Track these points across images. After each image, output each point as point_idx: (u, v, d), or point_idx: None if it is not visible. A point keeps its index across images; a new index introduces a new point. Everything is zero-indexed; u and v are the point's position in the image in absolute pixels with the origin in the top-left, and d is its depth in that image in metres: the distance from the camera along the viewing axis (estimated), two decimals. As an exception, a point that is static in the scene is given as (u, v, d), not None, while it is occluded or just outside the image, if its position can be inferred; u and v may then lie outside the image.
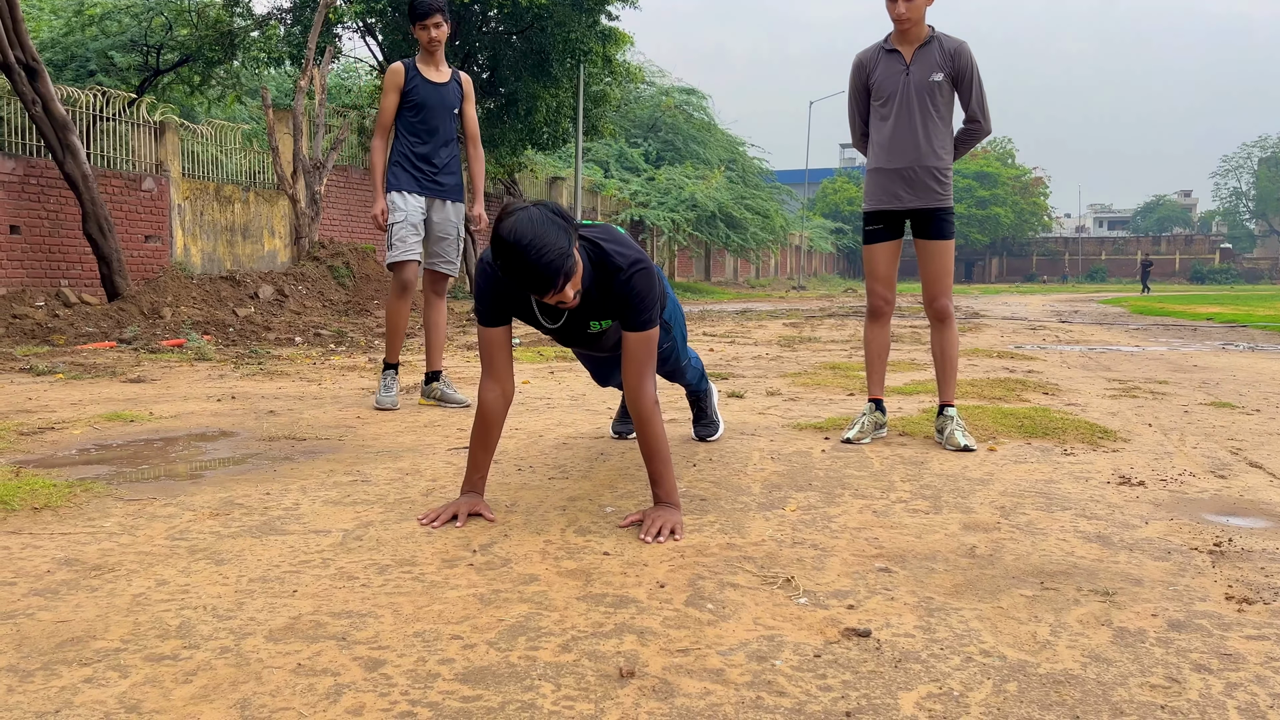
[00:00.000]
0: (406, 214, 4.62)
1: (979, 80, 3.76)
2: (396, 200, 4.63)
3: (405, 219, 4.62)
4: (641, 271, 2.52)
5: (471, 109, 4.86)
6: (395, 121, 4.69)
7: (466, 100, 4.82)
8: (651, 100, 33.32)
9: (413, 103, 4.63)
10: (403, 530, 2.47)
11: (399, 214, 4.62)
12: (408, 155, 4.65)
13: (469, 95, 4.83)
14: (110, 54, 16.13)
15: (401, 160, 4.66)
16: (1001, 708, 1.50)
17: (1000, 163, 65.44)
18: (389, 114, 4.67)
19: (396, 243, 4.63)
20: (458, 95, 4.75)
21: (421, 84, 4.63)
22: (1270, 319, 14.69)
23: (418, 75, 4.64)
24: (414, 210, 4.64)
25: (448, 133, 4.72)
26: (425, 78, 4.65)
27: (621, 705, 1.50)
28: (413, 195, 4.64)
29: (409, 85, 4.62)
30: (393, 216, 4.63)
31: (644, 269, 2.53)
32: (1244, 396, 5.36)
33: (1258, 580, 2.14)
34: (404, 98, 4.63)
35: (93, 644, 1.72)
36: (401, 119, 4.67)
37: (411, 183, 4.65)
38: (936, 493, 2.96)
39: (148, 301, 9.65)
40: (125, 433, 3.91)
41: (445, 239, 4.78)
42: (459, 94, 4.76)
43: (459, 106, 4.77)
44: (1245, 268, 67.37)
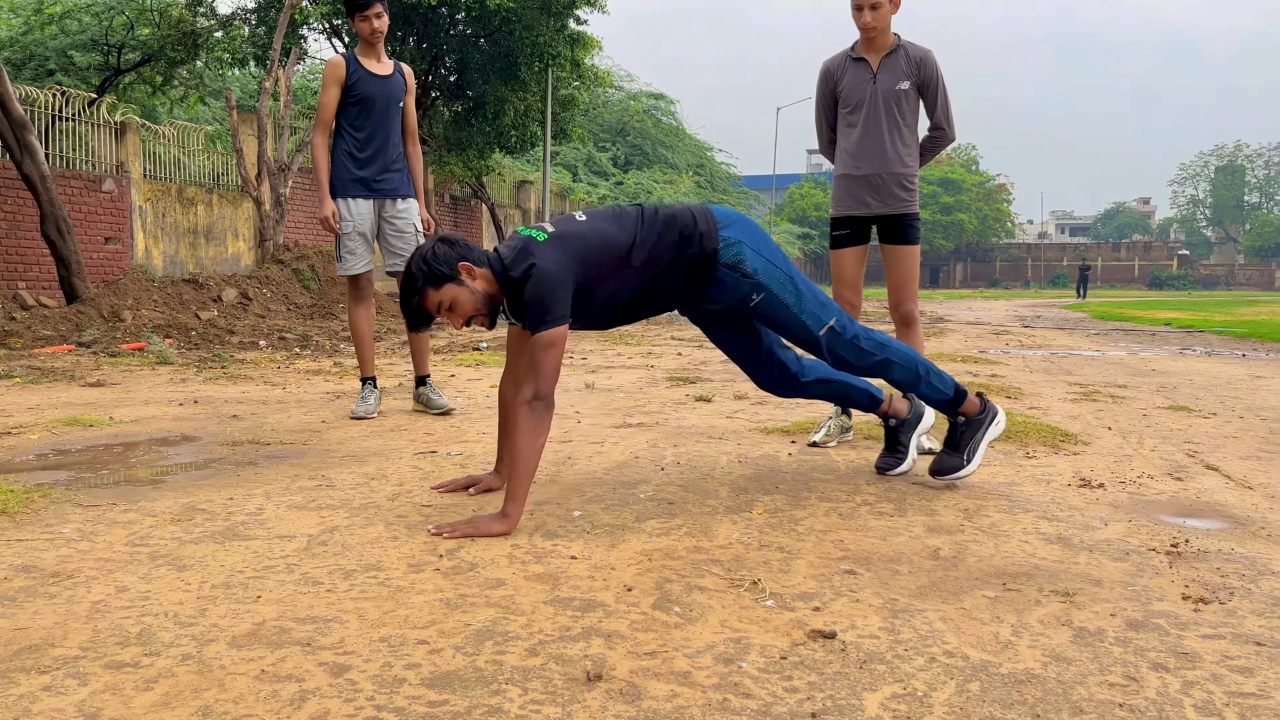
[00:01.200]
0: (354, 223, 4.46)
1: (944, 88, 3.81)
2: (344, 209, 4.47)
3: (353, 229, 4.46)
4: (530, 279, 2.53)
5: (412, 103, 4.67)
6: (338, 118, 4.51)
7: (409, 94, 4.64)
8: (620, 105, 33.40)
9: (357, 97, 4.45)
10: (368, 535, 2.45)
11: (346, 224, 4.46)
12: (352, 155, 4.47)
13: (411, 89, 4.65)
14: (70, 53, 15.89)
15: (346, 161, 4.47)
16: (964, 707, 1.52)
17: (965, 170, 66.15)
18: (330, 109, 4.47)
19: (346, 255, 4.50)
20: (402, 88, 4.57)
21: (365, 77, 4.45)
22: (1226, 324, 14.97)
23: (360, 69, 4.46)
24: (361, 218, 4.48)
25: (393, 127, 4.54)
26: (368, 70, 4.47)
27: (589, 708, 1.50)
28: (360, 201, 4.47)
29: (351, 79, 4.44)
30: (343, 226, 4.47)
31: (532, 276, 2.53)
32: (1200, 400, 5.46)
33: (1213, 580, 2.18)
34: (346, 92, 4.45)
35: (51, 651, 1.69)
36: (344, 114, 4.48)
37: (357, 188, 4.47)
38: (901, 496, 2.99)
39: (108, 304, 9.50)
40: (84, 438, 3.85)
41: (403, 235, 4.57)
42: (403, 86, 4.58)
43: (403, 100, 4.59)
44: (1202, 274, 68.57)
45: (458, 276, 2.58)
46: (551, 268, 2.55)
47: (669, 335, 11.23)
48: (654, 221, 2.75)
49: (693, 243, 2.74)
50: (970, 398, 3.11)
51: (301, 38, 15.18)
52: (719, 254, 2.76)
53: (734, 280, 2.79)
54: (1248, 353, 9.43)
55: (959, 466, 3.05)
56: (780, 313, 2.85)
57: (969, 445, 3.07)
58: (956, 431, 3.10)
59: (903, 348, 3.02)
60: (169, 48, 15.53)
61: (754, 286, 2.80)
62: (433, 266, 2.57)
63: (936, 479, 3.05)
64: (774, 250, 2.88)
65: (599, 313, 2.77)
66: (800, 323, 2.86)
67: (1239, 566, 2.28)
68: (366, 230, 4.52)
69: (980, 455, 3.08)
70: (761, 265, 2.80)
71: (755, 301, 2.82)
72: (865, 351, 2.94)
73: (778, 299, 2.83)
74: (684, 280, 2.79)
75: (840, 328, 2.90)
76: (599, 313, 2.77)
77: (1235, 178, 79.17)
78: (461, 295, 2.58)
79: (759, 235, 2.87)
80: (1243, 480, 3.27)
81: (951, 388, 3.08)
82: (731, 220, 2.85)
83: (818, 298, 2.89)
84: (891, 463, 3.25)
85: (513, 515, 2.49)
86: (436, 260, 2.57)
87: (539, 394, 2.53)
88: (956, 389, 3.09)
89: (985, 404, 3.12)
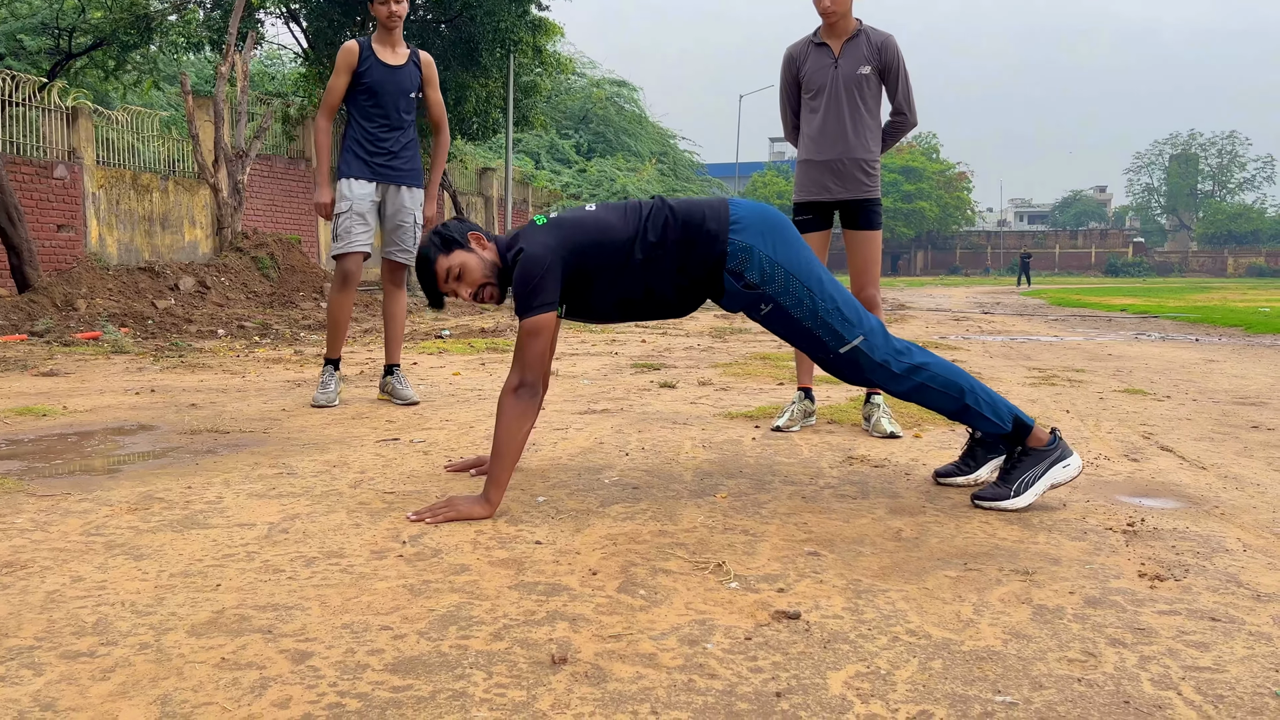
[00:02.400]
0: (353, 202, 4.38)
1: (905, 73, 3.83)
2: (344, 188, 4.40)
3: (351, 208, 4.38)
4: (516, 264, 2.54)
5: (436, 92, 4.60)
6: (347, 105, 4.44)
7: (429, 84, 4.55)
8: (583, 92, 33.27)
9: (365, 85, 4.37)
10: (330, 522, 2.43)
11: (345, 203, 4.39)
12: (359, 141, 4.41)
13: (431, 78, 4.56)
14: (19, 37, 15.53)
15: (353, 145, 4.42)
16: (927, 684, 1.54)
17: (925, 157, 66.71)
18: (337, 95, 4.40)
19: (341, 233, 4.41)
20: (416, 78, 4.48)
21: (375, 66, 4.37)
22: (1179, 310, 15.25)
23: (372, 56, 4.38)
24: (361, 199, 4.40)
25: (403, 118, 4.47)
26: (380, 60, 4.39)
27: (554, 691, 1.50)
28: (362, 182, 4.40)
29: (362, 66, 4.36)
30: (339, 205, 4.40)
31: (519, 260, 2.53)
32: (1155, 384, 5.55)
33: (1169, 558, 2.22)
34: (357, 80, 4.37)
35: (5, 642, 1.66)
36: (354, 102, 4.42)
37: (362, 168, 4.40)
38: (864, 479, 3.01)
39: (60, 293, 9.31)
40: (37, 427, 3.77)
41: (402, 227, 4.52)
42: (417, 77, 4.49)
43: (418, 90, 4.51)
44: (1157, 261, 69.73)
45: (467, 243, 2.62)
46: (538, 251, 2.51)
47: (633, 324, 11.22)
48: (659, 216, 2.62)
49: (698, 244, 2.60)
50: (1037, 430, 2.67)
51: (258, 22, 14.94)
52: (725, 259, 2.60)
53: (736, 288, 2.63)
54: (1201, 338, 9.61)
55: (1003, 497, 2.61)
56: (791, 329, 2.67)
57: (1021, 478, 2.62)
58: (1010, 460, 2.68)
59: (944, 368, 2.66)
60: (121, 31, 15.22)
61: (758, 297, 2.63)
62: (444, 234, 2.64)
63: (975, 505, 2.65)
64: (795, 255, 2.63)
65: (597, 306, 2.68)
66: (815, 340, 2.65)
67: (1193, 544, 2.32)
68: (366, 211, 4.42)
69: (1034, 494, 2.61)
70: (774, 273, 2.59)
71: (764, 312, 2.66)
72: (896, 375, 2.64)
73: (787, 313, 2.63)
74: (692, 284, 2.66)
75: (867, 346, 2.62)
76: (597, 306, 2.68)
77: (1189, 166, 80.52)
78: (470, 261, 2.60)
79: (778, 238, 2.63)
80: (1196, 461, 3.33)
81: (1010, 419, 2.65)
82: (747, 221, 2.63)
83: (844, 312, 2.63)
84: (953, 471, 2.92)
85: (494, 500, 2.49)
86: (448, 228, 2.65)
87: (524, 381, 2.52)
88: (1017, 421, 2.65)
89: (1056, 440, 2.67)
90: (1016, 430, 2.66)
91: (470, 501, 2.49)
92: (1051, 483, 2.64)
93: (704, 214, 2.63)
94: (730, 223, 2.62)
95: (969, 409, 2.65)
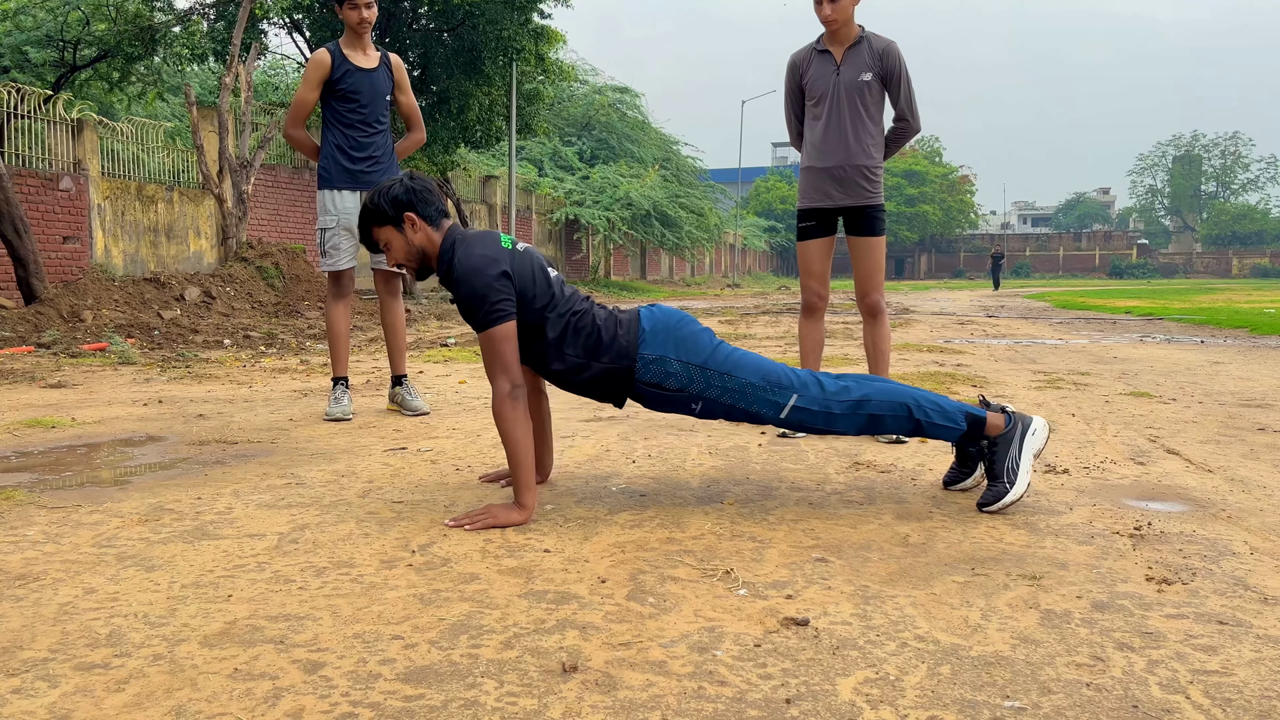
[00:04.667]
0: (338, 217, 4.39)
1: (908, 79, 3.84)
2: (327, 202, 4.40)
3: (338, 223, 4.39)
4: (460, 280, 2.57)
5: (407, 95, 4.59)
6: (325, 112, 4.42)
7: (401, 90, 4.55)
8: (585, 99, 33.29)
9: (343, 91, 4.36)
10: (340, 532, 2.44)
11: (330, 218, 4.39)
12: (339, 148, 4.40)
13: (402, 83, 4.56)
14: (25, 49, 15.59)
15: (334, 153, 4.40)
16: (936, 690, 1.55)
17: (928, 161, 66.76)
18: (307, 108, 4.38)
19: (330, 250, 4.42)
20: (388, 81, 4.49)
21: (351, 71, 4.35)
22: (1184, 312, 15.23)
23: (346, 63, 4.36)
24: (346, 213, 4.39)
25: (381, 120, 4.47)
26: (355, 65, 4.38)
27: (565, 699, 1.51)
28: (345, 193, 4.39)
29: (337, 73, 4.34)
30: (324, 221, 4.41)
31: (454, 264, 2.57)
32: (1161, 386, 5.55)
33: (1176, 561, 2.22)
34: (333, 87, 4.36)
35: (19, 654, 1.67)
36: (330, 109, 4.41)
37: (344, 178, 4.39)
38: (871, 484, 3.02)
39: (67, 304, 9.35)
40: (47, 439, 3.79)
41: None
42: (390, 80, 4.50)
43: (390, 93, 4.51)
44: (1161, 262, 69.65)
45: (399, 222, 2.67)
46: (478, 263, 2.56)
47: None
48: (576, 311, 2.68)
49: (607, 353, 2.67)
50: (991, 418, 2.70)
51: (261, 32, 15.00)
52: (635, 373, 2.67)
53: (659, 396, 2.69)
54: (1206, 339, 9.60)
55: (1002, 494, 2.63)
56: (729, 414, 2.71)
57: (1005, 466, 2.65)
58: (986, 459, 2.71)
59: (885, 393, 2.69)
60: (126, 43, 15.27)
61: (689, 398, 2.68)
62: (380, 204, 2.68)
63: (982, 511, 2.65)
64: (703, 348, 2.69)
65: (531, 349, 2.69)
66: (756, 415, 2.70)
67: (1200, 548, 2.33)
68: (352, 225, 4.40)
69: (1025, 472, 2.64)
70: (692, 375, 2.65)
71: (697, 409, 2.70)
72: (841, 416, 2.66)
73: (719, 403, 2.68)
74: (612, 387, 2.72)
75: (804, 402, 2.65)
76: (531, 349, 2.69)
77: (1192, 167, 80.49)
78: (395, 241, 2.69)
79: (687, 338, 2.69)
80: (1203, 464, 3.33)
81: (962, 417, 2.69)
82: (655, 331, 2.68)
83: (769, 381, 2.66)
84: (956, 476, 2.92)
85: (528, 505, 2.53)
86: (387, 200, 2.67)
87: (513, 384, 2.55)
88: (969, 417, 2.69)
89: (1010, 416, 2.71)
90: (972, 426, 2.69)
91: (507, 509, 2.52)
92: (1033, 454, 2.68)
93: (615, 326, 2.69)
94: (640, 336, 2.68)
95: (920, 423, 2.67)
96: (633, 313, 2.77)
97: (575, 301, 2.72)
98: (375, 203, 2.69)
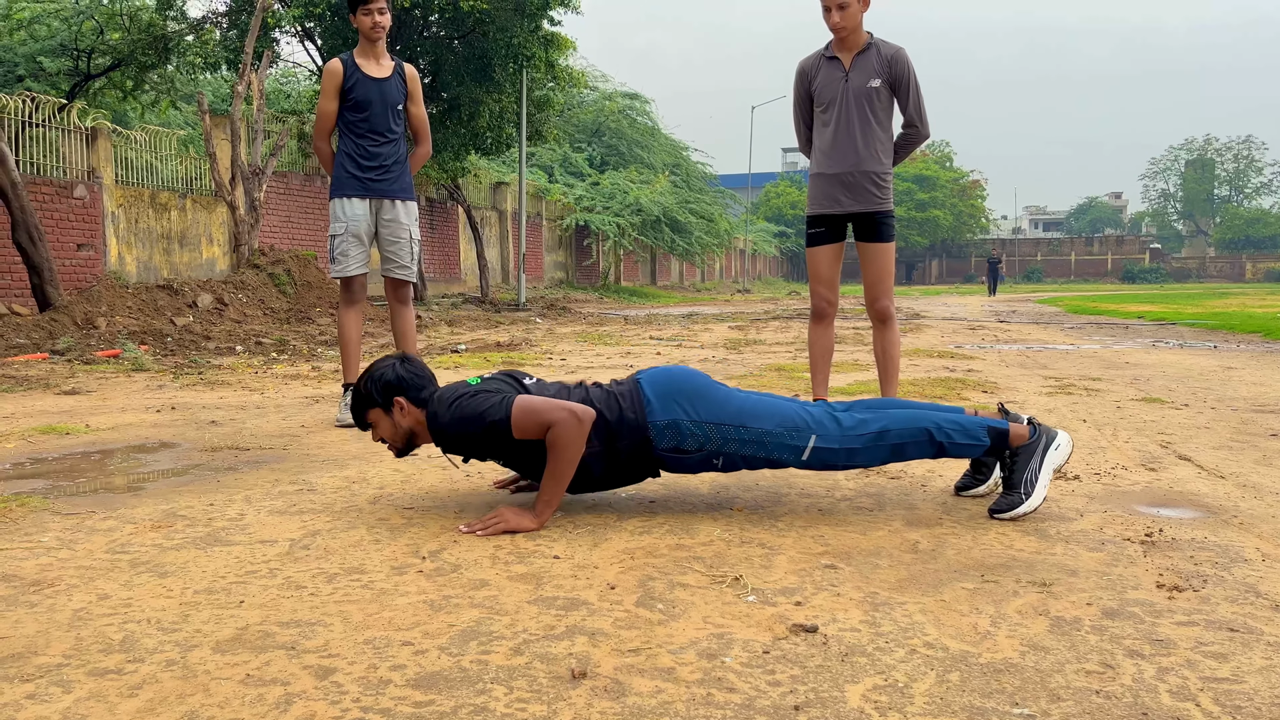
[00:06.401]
0: (347, 224, 4.41)
1: (916, 85, 3.84)
2: (337, 209, 4.43)
3: (346, 230, 4.41)
4: (455, 429, 2.61)
5: (418, 107, 4.61)
6: (338, 121, 4.45)
7: (413, 101, 4.57)
8: (595, 105, 33.35)
9: (353, 100, 4.38)
10: (351, 538, 2.45)
11: (339, 224, 4.42)
12: (350, 156, 4.43)
13: (414, 94, 4.57)
14: (39, 59, 15.73)
15: (344, 162, 4.43)
16: (945, 697, 1.55)
17: (939, 166, 66.60)
18: (330, 118, 4.43)
19: (339, 256, 4.44)
20: (402, 91, 4.50)
21: (361, 81, 4.39)
22: (1197, 317, 15.17)
23: (357, 72, 4.39)
24: (355, 219, 4.42)
25: (393, 130, 4.48)
26: (366, 74, 4.40)
27: (574, 706, 1.51)
28: (355, 200, 4.42)
29: (349, 83, 4.37)
30: (334, 228, 4.44)
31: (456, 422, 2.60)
32: (1173, 392, 5.53)
33: (1187, 568, 2.22)
34: (344, 96, 4.39)
35: (34, 660, 1.68)
36: (342, 118, 4.43)
37: (355, 186, 4.42)
38: (880, 490, 3.02)
39: (81, 312, 9.41)
40: (61, 445, 3.82)
41: (397, 242, 4.52)
42: (403, 90, 4.51)
43: (404, 103, 4.53)
44: (1174, 267, 69.31)
45: (388, 406, 2.69)
46: (451, 404, 2.61)
47: (647, 335, 11.25)
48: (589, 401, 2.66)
49: (620, 432, 2.62)
50: (1014, 429, 2.66)
51: (274, 40, 15.08)
52: (653, 443, 2.63)
53: (680, 459, 2.65)
54: (1219, 344, 9.56)
55: (1017, 504, 2.61)
56: (750, 464, 2.67)
57: (1024, 478, 2.62)
58: (1006, 466, 2.67)
59: (904, 420, 2.65)
60: (139, 52, 15.39)
61: (709, 455, 2.64)
62: (372, 388, 2.70)
63: (994, 517, 2.65)
64: (714, 403, 2.65)
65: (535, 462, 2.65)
66: (777, 461, 2.66)
67: (1212, 554, 2.32)
68: (361, 232, 4.44)
69: (1042, 485, 2.61)
70: (707, 432, 2.61)
71: (719, 464, 2.67)
72: (863, 450, 2.63)
73: (739, 455, 2.64)
74: (639, 464, 2.69)
75: (824, 441, 2.61)
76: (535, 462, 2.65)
77: (1205, 171, 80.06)
78: (382, 423, 2.72)
79: (693, 394, 2.65)
80: (1215, 470, 3.32)
81: (985, 432, 2.64)
82: (659, 396, 2.65)
83: (785, 425, 2.62)
84: (969, 483, 2.93)
85: (543, 517, 2.54)
86: (378, 384, 2.69)
87: (568, 410, 2.52)
88: (992, 431, 2.64)
89: (1035, 428, 2.68)
90: (995, 440, 2.66)
91: (518, 514, 2.54)
92: (1053, 468, 2.66)
93: (619, 404, 2.65)
94: (645, 406, 2.64)
95: (944, 445, 2.64)
96: (630, 382, 2.72)
97: (568, 395, 2.69)
98: (366, 387, 2.70)
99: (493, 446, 2.62)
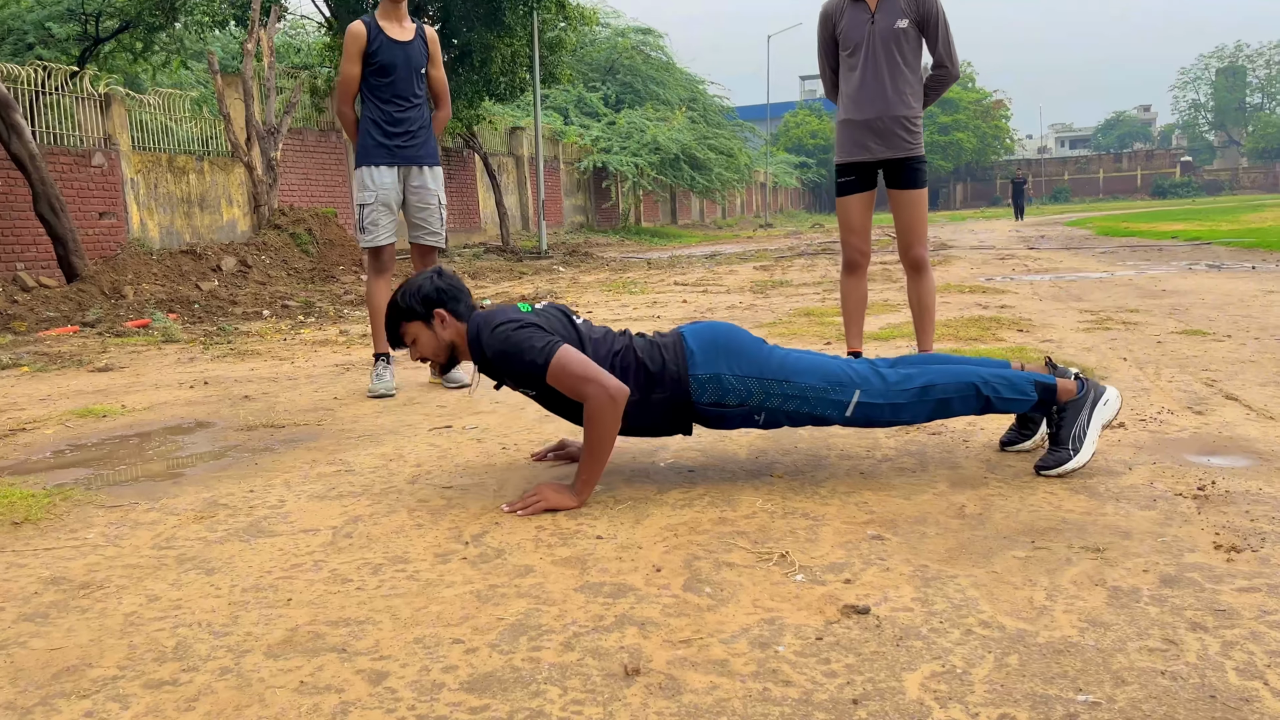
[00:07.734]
0: (377, 193, 4.36)
1: (945, 23, 3.71)
2: (366, 178, 4.37)
3: (376, 199, 4.36)
4: (499, 351, 2.56)
5: (438, 70, 4.53)
6: (361, 86, 4.36)
7: (433, 64, 4.49)
8: (608, 42, 32.81)
9: (377, 64, 4.30)
10: (392, 524, 2.45)
11: (368, 194, 4.36)
12: (376, 122, 4.35)
13: (435, 57, 4.50)
14: (48, 25, 15.62)
15: (370, 129, 4.36)
16: (1005, 684, 1.52)
17: (960, 87, 65.13)
18: (354, 82, 4.34)
19: (369, 225, 4.38)
20: (424, 54, 4.42)
21: (385, 44, 4.30)
22: (1233, 234, 14.84)
23: (381, 35, 4.30)
24: (385, 188, 4.36)
25: (417, 94, 4.41)
26: (389, 37, 4.31)
27: (630, 706, 1.50)
28: (384, 169, 4.36)
29: (372, 46, 4.28)
30: (362, 197, 4.38)
31: (499, 346, 2.55)
32: (1214, 322, 5.42)
33: (1243, 525, 2.17)
34: (367, 60, 4.30)
35: (89, 672, 1.69)
36: (366, 84, 4.36)
37: (381, 154, 4.36)
38: (922, 448, 2.97)
39: (108, 281, 9.45)
40: (99, 429, 3.85)
41: (426, 208, 4.47)
42: (425, 52, 4.43)
43: (425, 66, 4.45)
44: (1206, 180, 67.78)
45: (429, 318, 2.67)
46: (502, 329, 2.56)
47: (672, 280, 11.17)
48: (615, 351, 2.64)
49: (660, 383, 2.61)
50: (1062, 384, 2.63)
51: (281, -5, 14.87)
52: (694, 397, 2.61)
53: (720, 415, 2.64)
54: (1257, 265, 9.36)
55: (1064, 460, 2.57)
56: (794, 420, 2.65)
57: (1072, 434, 2.59)
58: (1053, 421, 2.64)
59: (949, 375, 2.62)
60: (146, 13, 15.22)
61: (750, 410, 2.62)
62: (410, 301, 2.68)
63: (1040, 474, 2.61)
64: (757, 359, 2.62)
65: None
66: (821, 417, 2.63)
67: (1268, 508, 2.27)
68: (391, 200, 4.39)
69: (1091, 442, 2.58)
70: (750, 387, 2.59)
71: (760, 420, 2.65)
72: (907, 405, 2.60)
73: (782, 411, 2.62)
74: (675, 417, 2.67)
75: (868, 396, 2.58)
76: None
77: (1236, 79, 77.89)
78: (424, 336, 2.69)
79: (736, 350, 2.63)
80: (1264, 410, 3.25)
81: (1032, 387, 2.61)
82: (702, 349, 2.63)
83: (829, 380, 2.59)
84: (1015, 438, 2.89)
85: (583, 495, 2.53)
86: (417, 297, 2.67)
87: (605, 384, 2.48)
88: (1039, 385, 2.62)
89: (1084, 383, 2.65)
90: (1043, 394, 2.62)
91: (558, 491, 2.52)
92: (1101, 424, 2.62)
93: (663, 356, 2.63)
94: (689, 358, 2.62)
95: (990, 400, 2.60)
96: (674, 335, 2.71)
97: (612, 342, 2.67)
98: (405, 300, 2.68)
99: (525, 382, 2.62)
